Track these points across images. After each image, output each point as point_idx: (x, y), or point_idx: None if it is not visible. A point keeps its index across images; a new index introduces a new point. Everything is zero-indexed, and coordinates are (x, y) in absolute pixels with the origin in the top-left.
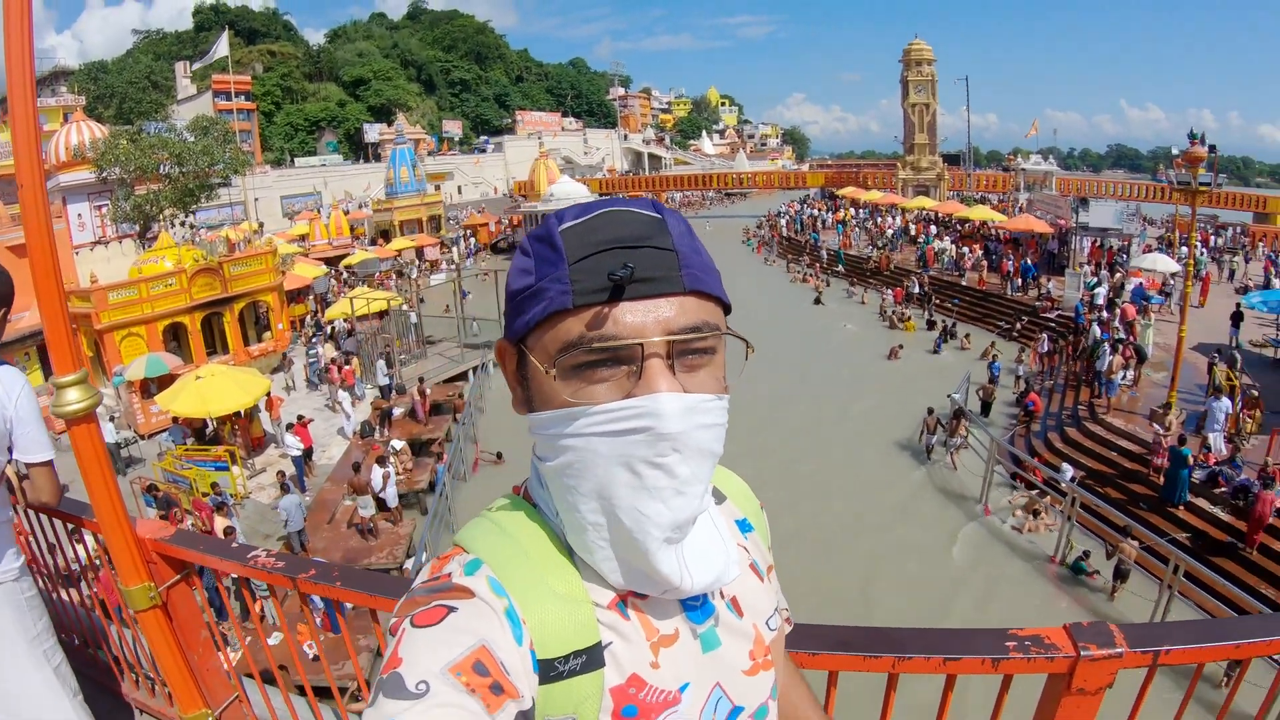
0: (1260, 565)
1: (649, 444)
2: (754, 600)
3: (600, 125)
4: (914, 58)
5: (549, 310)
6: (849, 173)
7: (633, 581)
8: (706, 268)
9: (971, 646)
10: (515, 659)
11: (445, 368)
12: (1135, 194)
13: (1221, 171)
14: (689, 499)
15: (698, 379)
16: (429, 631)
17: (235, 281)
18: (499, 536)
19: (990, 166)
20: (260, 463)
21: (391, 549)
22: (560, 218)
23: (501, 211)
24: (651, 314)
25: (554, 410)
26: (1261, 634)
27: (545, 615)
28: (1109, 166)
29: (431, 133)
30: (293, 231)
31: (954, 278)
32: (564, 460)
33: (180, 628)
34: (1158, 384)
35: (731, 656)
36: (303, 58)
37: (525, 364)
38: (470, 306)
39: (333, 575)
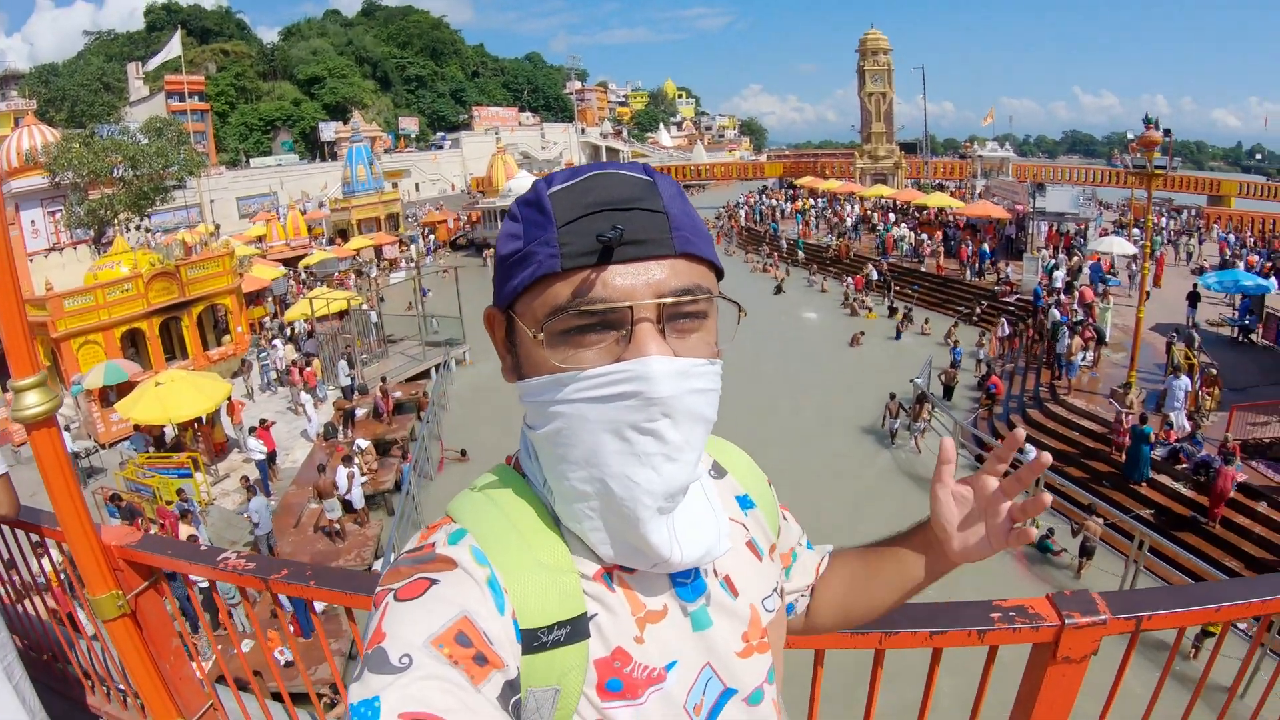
0: (1223, 538)
1: (639, 409)
2: (750, 579)
3: (557, 119)
4: (870, 47)
5: (537, 274)
6: (807, 162)
7: (622, 554)
8: (698, 230)
9: (957, 619)
10: (498, 628)
11: (407, 366)
12: (1091, 179)
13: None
14: (681, 466)
15: (689, 343)
16: (411, 604)
17: (193, 285)
18: (486, 506)
19: (947, 154)
20: (223, 468)
21: (359, 551)
22: (550, 181)
23: (460, 208)
24: (641, 277)
25: (542, 377)
26: (1239, 597)
27: (529, 584)
28: (1064, 152)
29: (388, 130)
30: (250, 233)
31: (913, 264)
32: (553, 427)
33: (151, 636)
34: (1117, 364)
35: (723, 637)
36: (256, 56)
37: (514, 330)
38: (431, 304)
39: (305, 575)
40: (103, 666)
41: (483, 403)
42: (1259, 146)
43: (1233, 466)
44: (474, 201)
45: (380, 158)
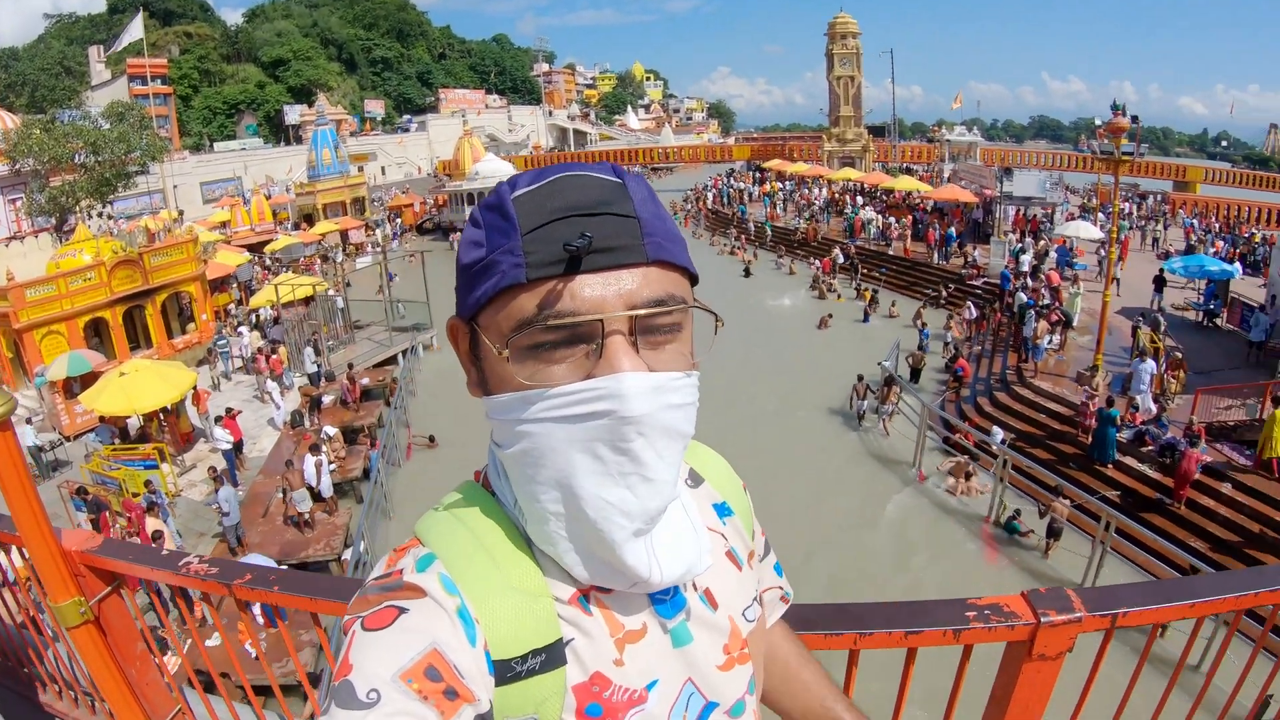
0: (1188, 519)
1: (612, 428)
2: (730, 591)
3: (525, 102)
4: (839, 31)
5: (501, 285)
6: (775, 145)
7: (598, 575)
8: (671, 236)
9: (932, 618)
10: (468, 661)
11: (374, 352)
12: (1058, 164)
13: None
14: (658, 486)
15: (664, 356)
16: (379, 635)
17: (156, 273)
18: (454, 528)
19: (915, 138)
20: (190, 459)
21: (328, 540)
22: (514, 184)
23: (426, 191)
24: (612, 287)
25: (509, 394)
26: (1213, 593)
27: (500, 613)
28: (1031, 137)
29: (353, 113)
30: (213, 218)
31: (881, 247)
32: (521, 447)
33: (115, 642)
34: (1084, 348)
35: (704, 651)
36: (220, 39)
37: (478, 344)
38: (397, 289)
39: (269, 580)
40: (69, 671)
41: (450, 388)
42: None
43: (1197, 449)
44: (440, 185)
45: (346, 141)
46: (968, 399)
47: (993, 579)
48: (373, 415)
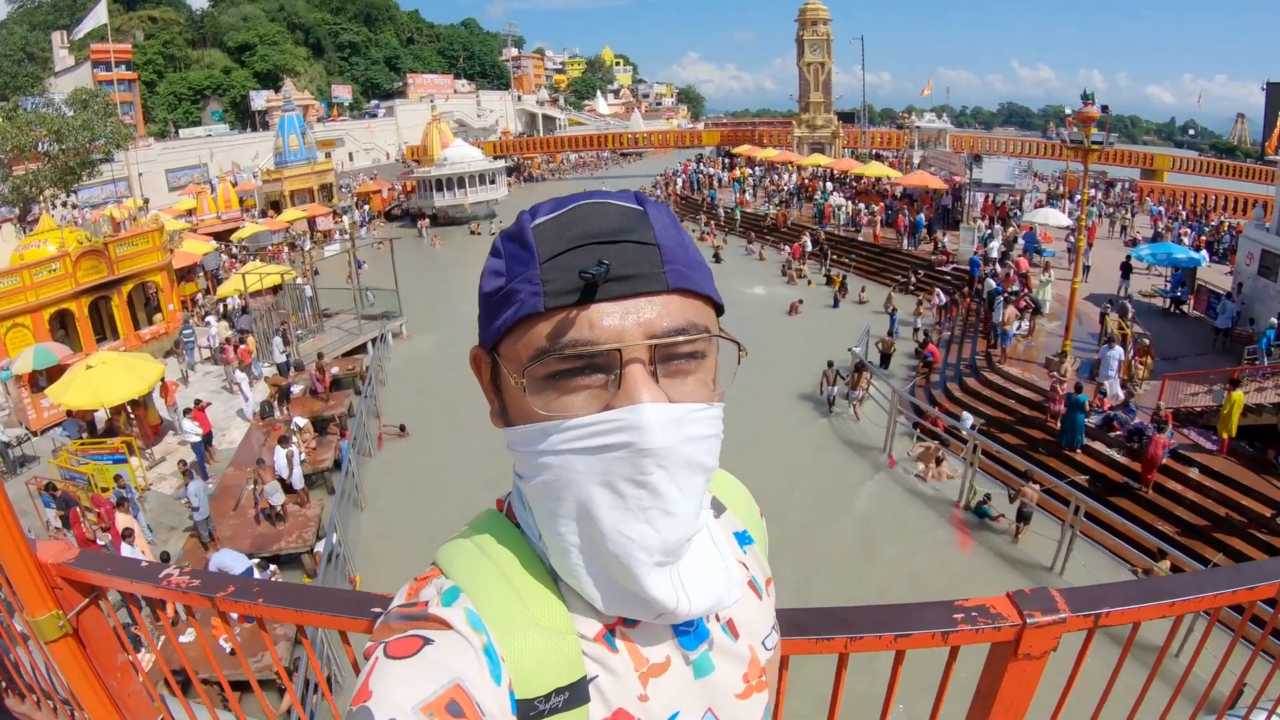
0: (1155, 504)
1: (631, 460)
2: (751, 620)
3: (493, 87)
4: (810, 17)
5: (520, 314)
6: (745, 131)
7: (623, 606)
8: (693, 263)
9: (920, 621)
10: (491, 699)
11: (344, 341)
12: (1027, 150)
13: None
14: (679, 520)
15: (685, 387)
16: (402, 664)
17: (122, 263)
18: (479, 561)
19: (885, 124)
20: (159, 452)
21: (300, 532)
22: (534, 213)
23: (395, 178)
24: (631, 315)
25: (527, 425)
26: (1194, 591)
27: (526, 651)
28: (1000, 124)
29: (320, 98)
30: (179, 206)
31: (850, 233)
32: (541, 480)
33: (95, 654)
34: (1053, 334)
35: (725, 680)
36: (185, 23)
37: (499, 374)
38: (366, 277)
39: (254, 592)
40: (46, 682)
41: (421, 377)
42: (1192, 122)
43: (1165, 434)
44: (409, 171)
45: (313, 127)
46: (937, 384)
47: (965, 564)
48: (343, 405)
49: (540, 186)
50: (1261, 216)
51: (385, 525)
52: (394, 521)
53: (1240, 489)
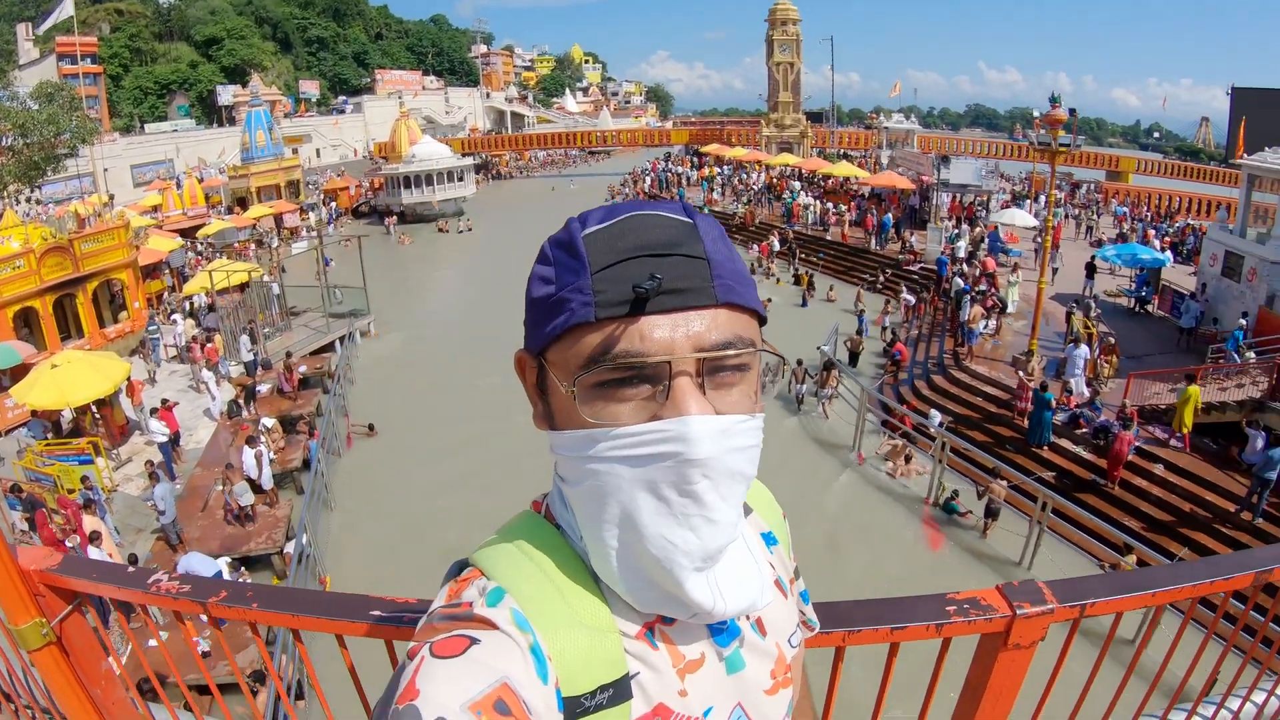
0: (1122, 500)
1: (677, 470)
2: (777, 619)
3: (462, 84)
4: (779, 17)
5: (570, 323)
6: (713, 130)
7: (662, 606)
8: (740, 277)
9: (915, 614)
10: (538, 698)
11: (311, 339)
12: (993, 152)
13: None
14: (720, 527)
15: (730, 398)
16: (449, 663)
17: (87, 260)
18: (522, 562)
19: (853, 124)
20: (125, 452)
21: (270, 533)
22: (584, 221)
23: (362, 174)
24: (680, 328)
25: (575, 431)
26: (1173, 582)
27: (572, 650)
28: (967, 125)
29: (288, 94)
30: (145, 202)
31: (819, 233)
32: (587, 485)
33: (79, 663)
34: (1019, 333)
35: (754, 677)
36: (152, 16)
37: (545, 378)
38: (334, 274)
39: (247, 597)
40: (26, 691)
41: (389, 375)
42: (1157, 125)
43: (1130, 431)
44: (376, 168)
45: (280, 123)
46: (905, 382)
47: (934, 560)
48: (311, 404)
49: (508, 184)
50: (1225, 219)
51: (355, 525)
52: (364, 521)
53: (1204, 485)
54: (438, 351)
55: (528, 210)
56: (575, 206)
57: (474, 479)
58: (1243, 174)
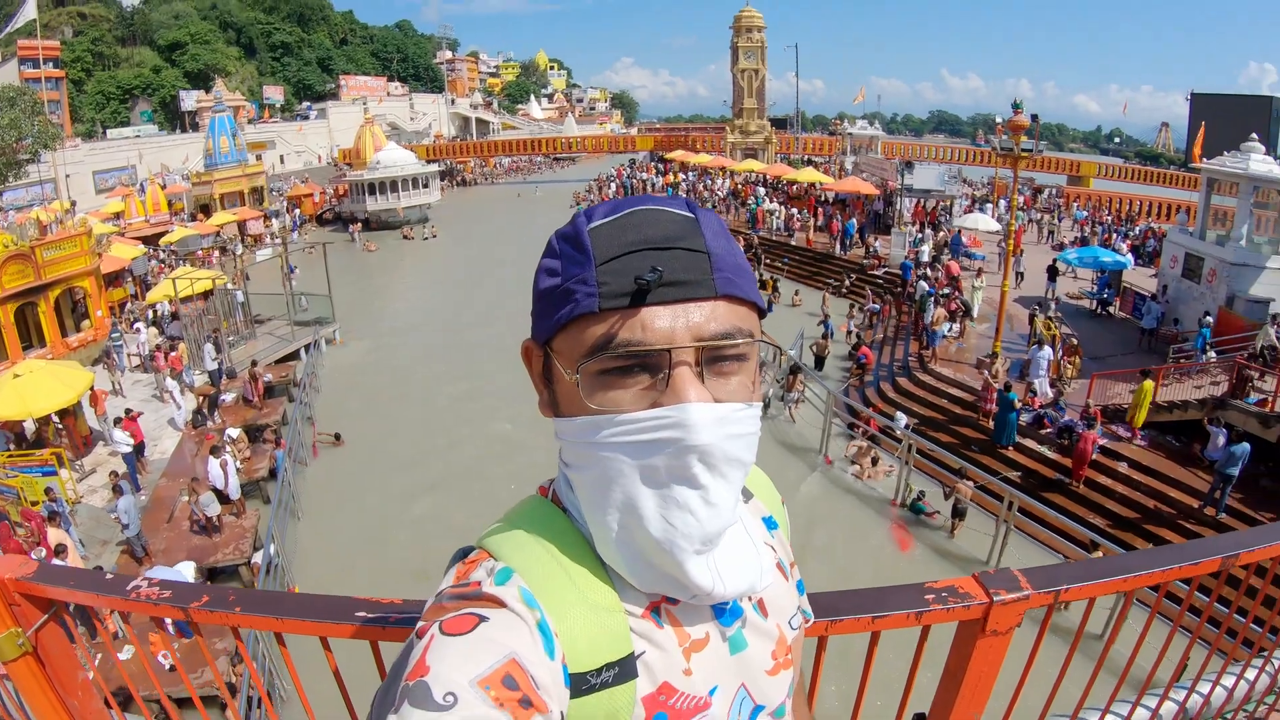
0: (1087, 498)
1: (677, 455)
2: (779, 600)
3: (427, 90)
4: (745, 24)
5: (575, 313)
6: (678, 136)
7: (663, 587)
8: (740, 270)
9: (895, 603)
10: (545, 673)
11: (276, 347)
12: (956, 157)
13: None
14: (719, 511)
15: (729, 387)
16: (458, 640)
17: (49, 267)
18: (530, 543)
19: (817, 131)
20: (89, 463)
21: (237, 544)
22: (589, 216)
23: (327, 181)
24: (681, 319)
25: (579, 418)
26: (1144, 567)
27: (578, 627)
28: (930, 131)
29: (252, 99)
30: (107, 209)
31: (783, 238)
32: (590, 469)
33: (56, 674)
34: (984, 335)
35: (756, 657)
36: (115, 20)
37: (551, 367)
38: (298, 282)
39: (229, 600)
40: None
41: (355, 383)
42: (1118, 130)
43: (1094, 430)
44: (341, 175)
45: (244, 128)
46: (871, 384)
47: (903, 559)
48: (276, 413)
49: (473, 191)
50: (1185, 221)
51: (323, 534)
52: (332, 530)
53: (1168, 481)
54: (403, 359)
55: (493, 217)
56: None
57: (442, 486)
58: (1202, 178)
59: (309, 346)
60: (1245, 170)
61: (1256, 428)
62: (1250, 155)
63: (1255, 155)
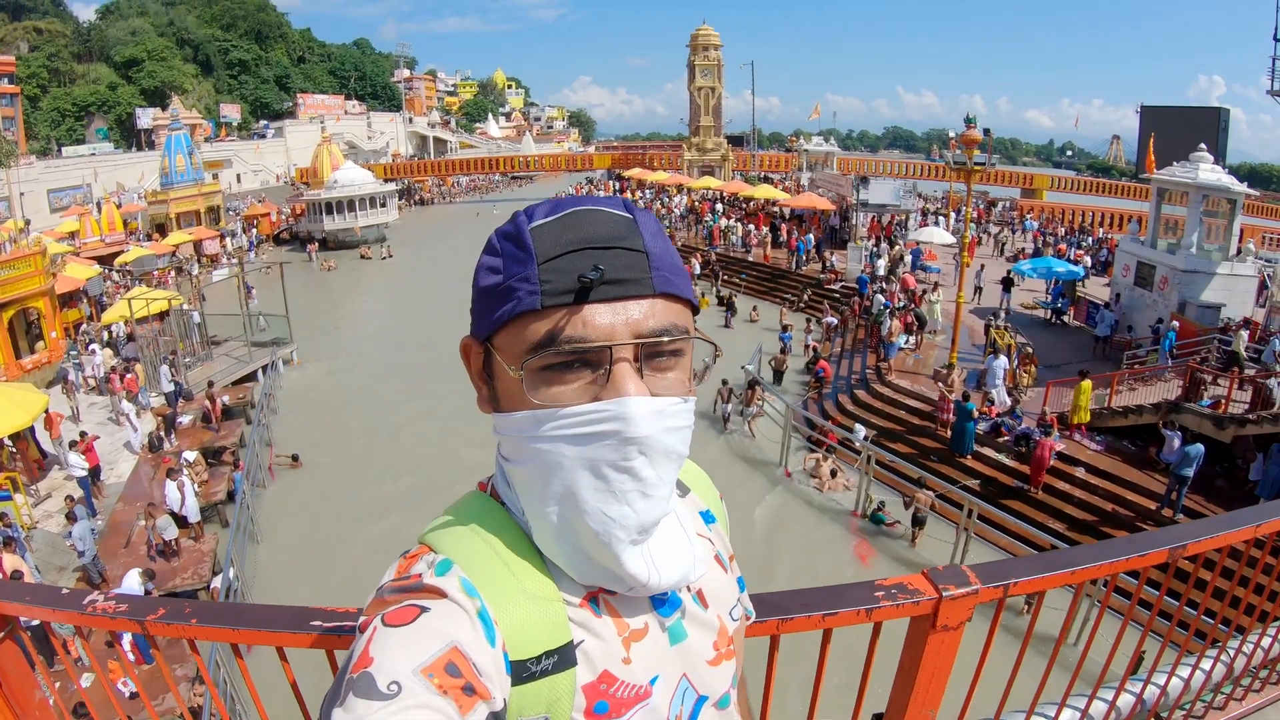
0: (1046, 503)
1: (616, 448)
2: (718, 591)
3: (385, 108)
4: (701, 43)
5: (517, 310)
6: (635, 154)
7: (600, 579)
8: (676, 269)
9: (845, 600)
10: (487, 660)
11: (233, 368)
12: (911, 172)
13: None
14: (655, 501)
15: (665, 381)
16: (401, 631)
17: (2, 287)
18: (469, 536)
19: (773, 148)
20: (44, 488)
21: (196, 568)
22: (530, 215)
23: (284, 200)
24: (621, 316)
25: (521, 412)
26: (1090, 560)
27: (518, 616)
28: (886, 147)
29: (209, 117)
30: (61, 228)
31: (741, 254)
32: (531, 463)
33: (12, 693)
34: (941, 347)
35: (697, 647)
36: (71, 36)
37: (491, 363)
38: (257, 302)
39: (185, 613)
40: None
41: (313, 404)
42: (1070, 144)
43: (1051, 437)
44: (298, 194)
45: (200, 147)
46: (830, 398)
47: (863, 569)
48: (234, 435)
49: (431, 210)
50: (1137, 231)
51: (283, 556)
52: (291, 552)
53: (1125, 485)
54: (361, 379)
55: (451, 236)
56: None
57: (401, 505)
58: (1152, 188)
59: (266, 368)
60: (1194, 180)
61: (1210, 429)
62: (1199, 165)
63: (1204, 165)
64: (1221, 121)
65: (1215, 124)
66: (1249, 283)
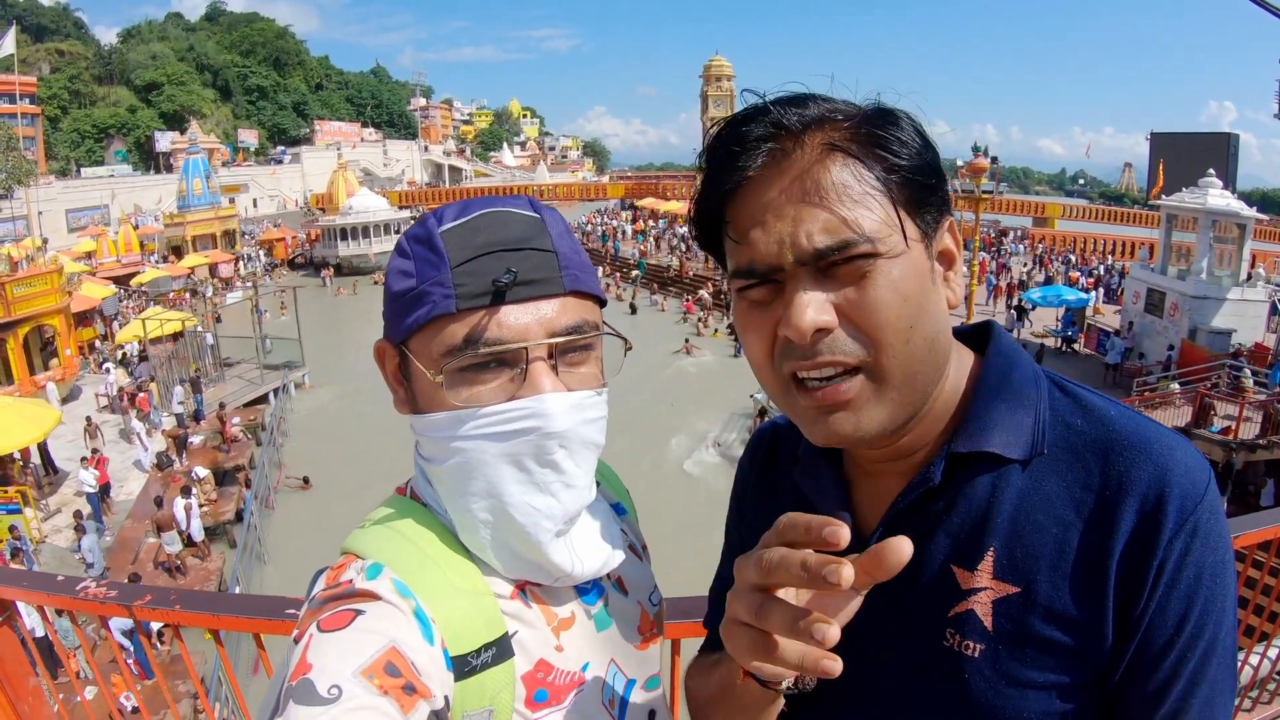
0: None
1: (537, 443)
2: (637, 579)
3: (401, 136)
4: (714, 73)
5: (432, 314)
6: (649, 184)
7: (526, 572)
8: (584, 266)
9: None
10: (426, 659)
11: (245, 390)
12: None
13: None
14: (577, 491)
15: (579, 375)
16: (337, 635)
17: (19, 304)
18: (395, 538)
19: None
20: (54, 502)
21: (201, 586)
22: (439, 218)
23: (299, 225)
24: (534, 316)
25: (441, 413)
26: None
27: (453, 611)
28: None
29: (226, 142)
30: (78, 248)
31: None
32: (453, 462)
33: (7, 677)
34: None
35: (622, 633)
36: (93, 58)
37: (407, 366)
38: (268, 325)
39: (170, 599)
40: None
41: (323, 428)
42: (1081, 172)
43: None
44: (313, 219)
45: (217, 171)
46: None
47: None
48: (244, 456)
49: None
50: (1147, 258)
51: (290, 578)
52: (299, 574)
53: None
54: (372, 405)
55: None
56: None
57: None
58: (1162, 214)
59: (278, 390)
60: (1203, 205)
61: (1220, 455)
62: (1208, 190)
63: (1213, 190)
64: (1231, 147)
65: (1225, 149)
66: (1259, 308)
